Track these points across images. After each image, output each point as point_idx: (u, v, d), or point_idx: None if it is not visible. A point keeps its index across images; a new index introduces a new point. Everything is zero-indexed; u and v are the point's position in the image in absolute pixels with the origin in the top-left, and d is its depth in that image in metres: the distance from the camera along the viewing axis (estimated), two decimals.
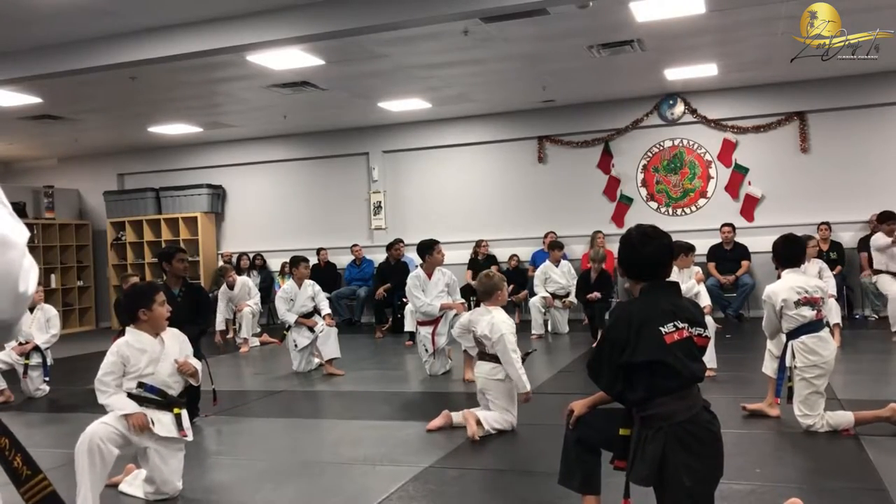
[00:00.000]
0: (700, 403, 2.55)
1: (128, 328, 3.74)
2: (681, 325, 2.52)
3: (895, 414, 4.19)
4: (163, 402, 3.64)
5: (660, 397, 2.48)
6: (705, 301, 6.34)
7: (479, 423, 4.56)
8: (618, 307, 2.74)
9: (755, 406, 4.77)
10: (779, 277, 4.54)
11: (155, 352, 3.66)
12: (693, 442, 2.45)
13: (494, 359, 4.67)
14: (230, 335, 9.81)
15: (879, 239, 7.85)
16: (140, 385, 3.59)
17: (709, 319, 6.20)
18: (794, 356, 4.36)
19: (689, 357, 2.53)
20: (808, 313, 4.30)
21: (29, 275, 1.37)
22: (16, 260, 1.32)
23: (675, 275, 6.31)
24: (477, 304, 10.04)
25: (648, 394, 2.49)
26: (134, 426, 3.43)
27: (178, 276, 5.63)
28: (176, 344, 3.77)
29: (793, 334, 4.37)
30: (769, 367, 4.76)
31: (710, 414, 2.56)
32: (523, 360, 4.79)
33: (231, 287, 9.71)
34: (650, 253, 2.63)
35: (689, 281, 6.31)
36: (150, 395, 3.60)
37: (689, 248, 6.43)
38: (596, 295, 8.55)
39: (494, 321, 4.65)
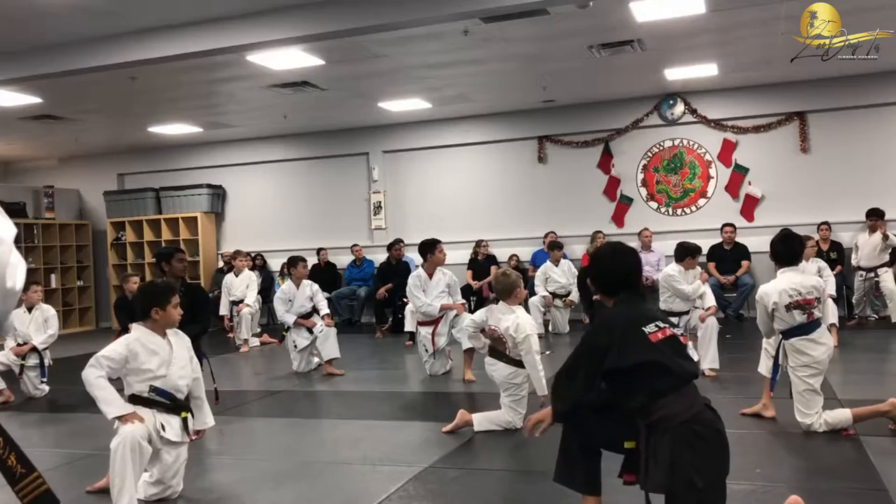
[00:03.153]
0: (701, 401, 2.55)
1: (135, 325, 3.70)
2: (662, 325, 2.58)
3: (894, 408, 4.18)
4: (171, 405, 3.63)
5: (660, 399, 2.48)
6: (710, 302, 6.31)
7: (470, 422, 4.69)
8: (598, 315, 2.77)
9: (752, 410, 4.77)
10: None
11: (165, 354, 3.64)
12: (699, 442, 2.45)
13: (512, 361, 4.67)
14: (230, 334, 9.83)
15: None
16: (152, 389, 3.58)
17: (711, 320, 6.21)
18: (786, 356, 4.37)
19: (678, 354, 2.56)
20: (798, 317, 4.28)
21: (16, 270, 1.35)
22: (3, 256, 1.30)
23: (681, 274, 6.32)
24: (478, 305, 9.99)
25: (648, 398, 2.50)
26: (130, 423, 3.39)
27: (177, 276, 5.63)
28: (183, 346, 3.75)
29: (785, 334, 4.37)
30: (765, 367, 4.76)
31: (712, 412, 2.56)
32: None
33: (237, 274, 9.92)
34: (622, 267, 2.74)
35: (695, 282, 6.29)
36: (160, 399, 3.60)
37: (697, 251, 6.43)
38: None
39: (520, 321, 4.62)
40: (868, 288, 8.80)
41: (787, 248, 4.44)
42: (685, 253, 6.35)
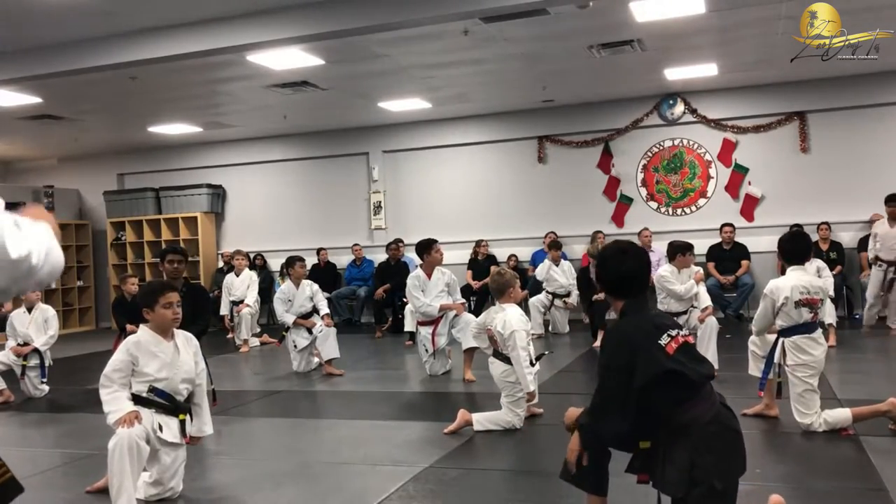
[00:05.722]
0: (717, 401, 2.55)
1: (141, 326, 3.70)
2: (673, 333, 2.54)
3: (894, 408, 4.19)
4: (170, 407, 3.63)
5: (681, 406, 2.48)
6: (706, 302, 6.30)
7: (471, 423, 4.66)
8: (609, 334, 2.70)
9: (754, 410, 4.77)
10: (782, 273, 4.54)
11: (168, 356, 3.61)
12: (718, 443, 2.46)
13: (507, 359, 4.68)
14: (230, 335, 9.84)
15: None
16: (151, 389, 3.57)
17: (710, 319, 6.20)
18: (784, 354, 4.37)
19: (693, 360, 2.54)
20: (805, 315, 4.30)
21: (17, 239, 1.33)
22: None
23: (674, 275, 6.31)
24: (478, 305, 9.97)
25: (670, 408, 2.49)
26: (125, 423, 3.39)
27: (170, 276, 5.63)
28: (189, 350, 3.73)
29: (785, 332, 4.37)
30: (755, 368, 4.77)
31: (728, 410, 2.57)
32: (537, 360, 4.81)
33: (237, 274, 9.96)
34: (628, 269, 2.67)
35: (689, 281, 6.29)
36: (158, 400, 3.59)
37: (687, 248, 6.41)
38: (601, 296, 8.56)
39: (507, 318, 4.66)
40: (889, 283, 8.10)
41: (796, 247, 4.51)
42: (675, 251, 6.37)
